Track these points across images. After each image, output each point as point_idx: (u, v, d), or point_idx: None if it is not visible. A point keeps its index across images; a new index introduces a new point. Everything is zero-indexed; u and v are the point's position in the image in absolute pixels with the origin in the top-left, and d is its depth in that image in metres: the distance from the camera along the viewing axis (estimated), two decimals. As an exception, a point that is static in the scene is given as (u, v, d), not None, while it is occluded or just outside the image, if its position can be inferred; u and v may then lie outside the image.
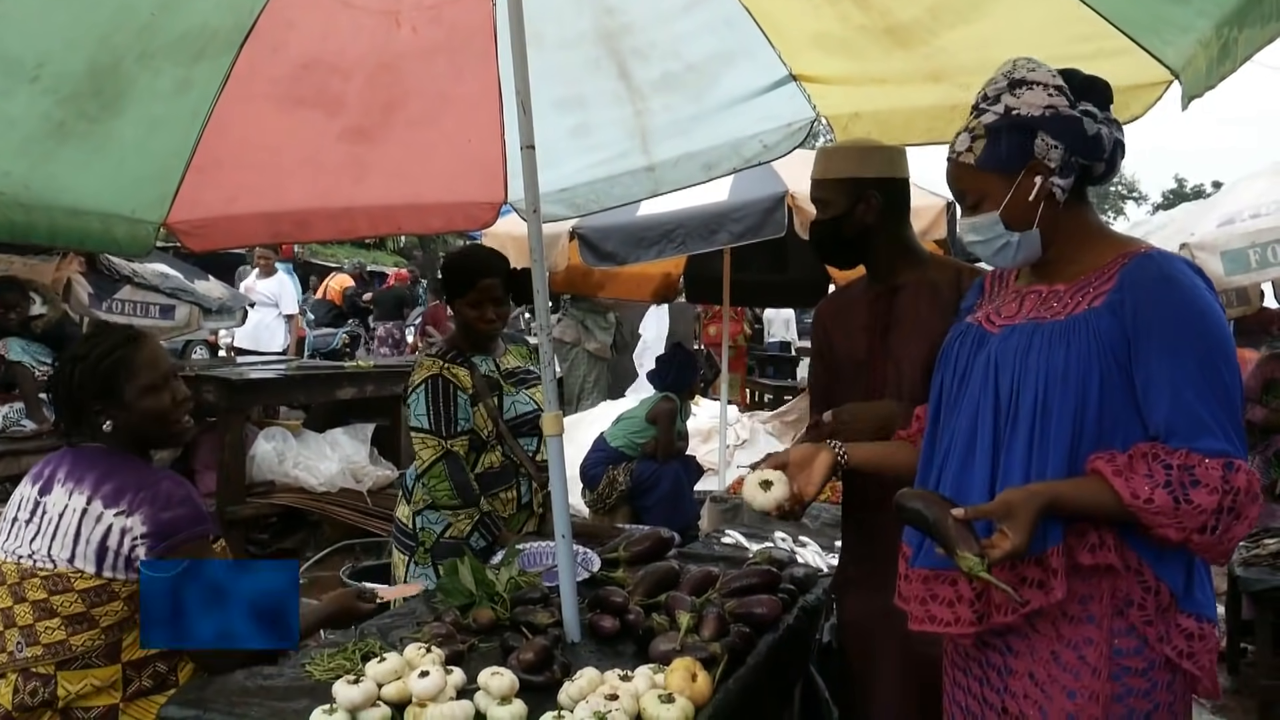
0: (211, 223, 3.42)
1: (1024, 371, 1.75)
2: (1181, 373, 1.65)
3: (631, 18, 3.19)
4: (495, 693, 1.91)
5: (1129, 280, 1.70)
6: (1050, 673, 1.73)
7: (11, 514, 2.22)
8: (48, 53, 2.49)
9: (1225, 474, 1.60)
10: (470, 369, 3.15)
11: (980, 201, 1.84)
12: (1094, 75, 1.83)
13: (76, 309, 6.57)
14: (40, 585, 2.12)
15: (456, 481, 3.02)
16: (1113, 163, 1.80)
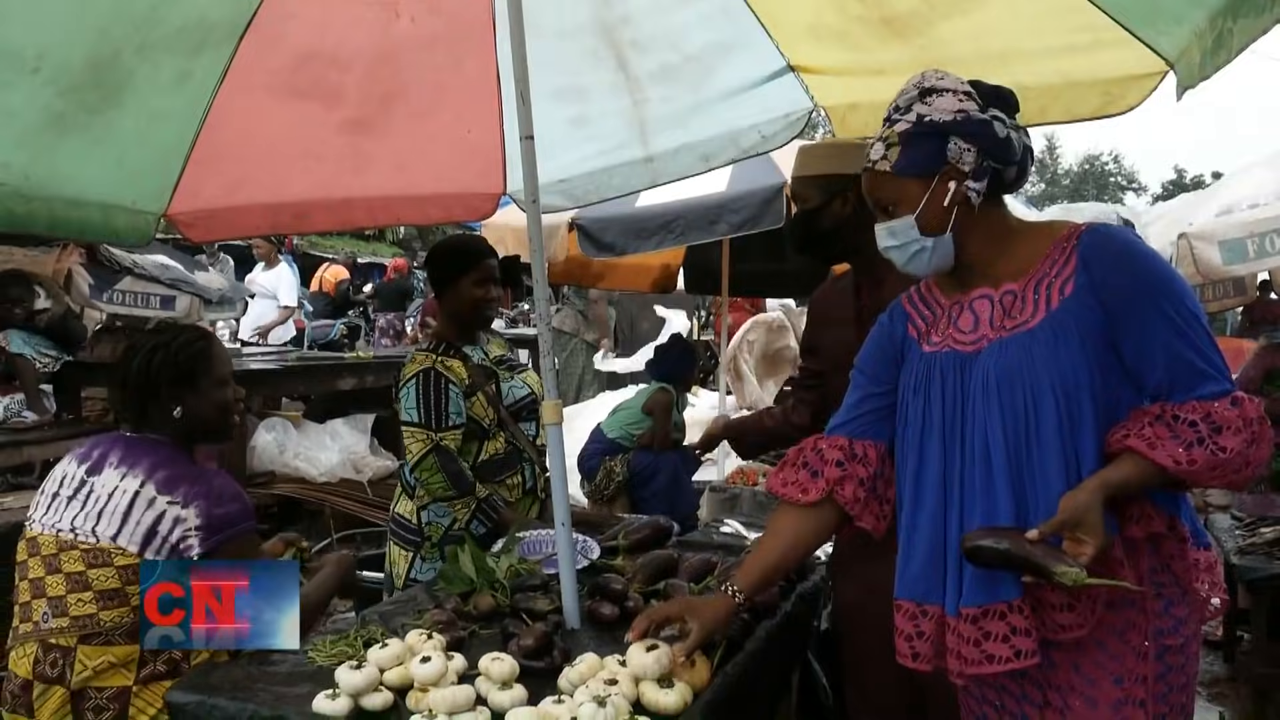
0: (212, 214, 3.44)
1: (1036, 384, 1.73)
2: (1168, 330, 1.69)
3: (629, 8, 3.20)
4: (496, 678, 1.93)
5: (1092, 258, 1.73)
6: (1096, 660, 1.72)
7: (52, 490, 2.29)
8: (48, 45, 2.50)
9: (1239, 411, 1.66)
10: (464, 360, 3.15)
11: (896, 208, 1.86)
12: (1000, 85, 1.86)
13: (77, 300, 6.56)
14: (80, 558, 2.18)
15: (449, 472, 3.01)
16: (1024, 167, 1.83)
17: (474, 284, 3.15)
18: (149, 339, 2.42)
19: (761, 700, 2.45)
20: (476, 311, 3.18)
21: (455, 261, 3.18)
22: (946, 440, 1.83)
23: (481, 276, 3.15)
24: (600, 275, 6.93)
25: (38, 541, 2.25)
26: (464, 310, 3.18)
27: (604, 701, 1.78)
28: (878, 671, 2.47)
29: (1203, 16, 2.16)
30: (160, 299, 7.19)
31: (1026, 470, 1.74)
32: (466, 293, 3.16)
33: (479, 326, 3.26)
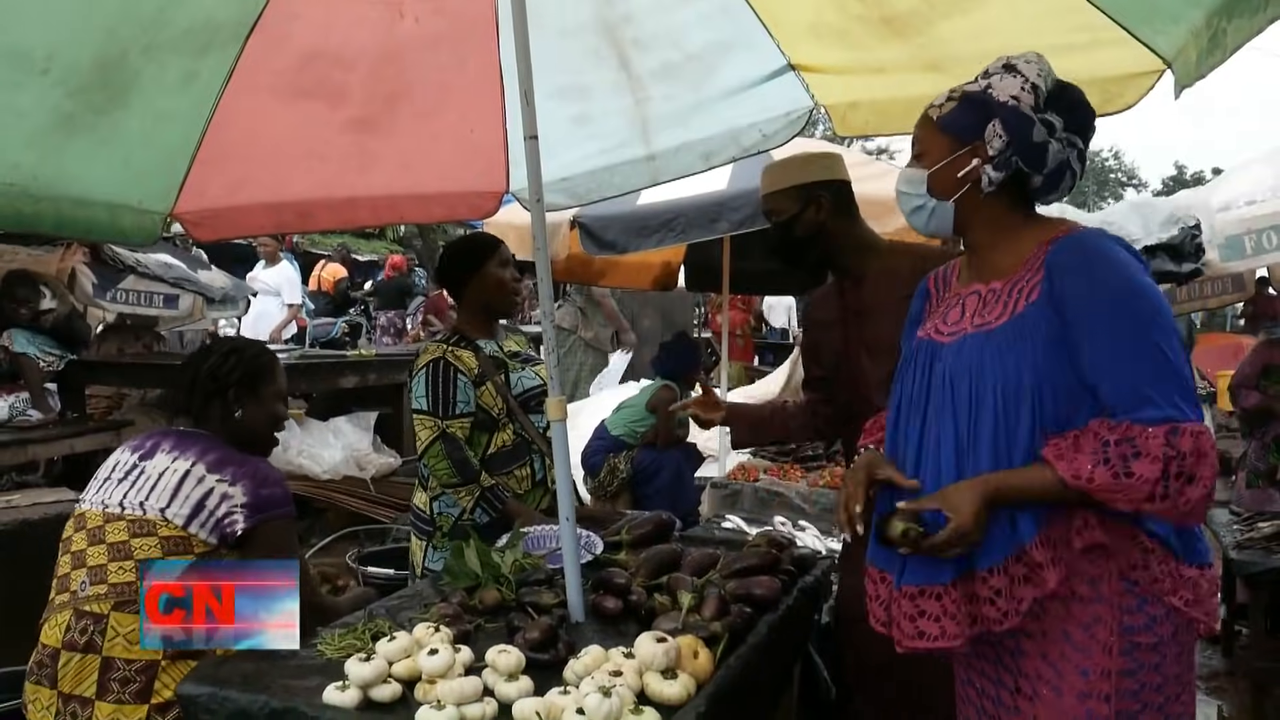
0: (217, 213, 3.47)
1: (980, 384, 1.79)
2: (1118, 347, 1.69)
3: (631, 7, 3.22)
4: (502, 670, 1.96)
5: (1055, 267, 1.75)
6: (1063, 651, 1.76)
7: (104, 474, 2.43)
8: (56, 46, 2.53)
9: (1169, 440, 1.63)
10: (475, 351, 3.18)
11: (923, 156, 1.91)
12: (1085, 101, 1.85)
13: (81, 299, 6.60)
14: (125, 529, 2.29)
15: (455, 459, 3.06)
16: (1054, 180, 1.83)
17: (497, 266, 3.21)
18: (223, 343, 2.66)
19: (764, 692, 2.48)
20: (504, 294, 3.24)
21: (474, 252, 3.25)
22: (912, 425, 1.90)
23: (503, 259, 3.23)
24: (601, 273, 6.95)
25: (85, 517, 2.37)
26: (491, 295, 3.23)
27: (609, 692, 1.81)
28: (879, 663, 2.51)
29: (1199, 16, 2.19)
30: (164, 298, 7.23)
31: (969, 466, 1.79)
32: (491, 277, 3.21)
33: (507, 312, 3.33)
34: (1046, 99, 1.80)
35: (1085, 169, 1.90)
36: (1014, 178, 1.83)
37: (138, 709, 2.16)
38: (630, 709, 1.82)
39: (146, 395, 6.80)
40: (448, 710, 1.82)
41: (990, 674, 1.89)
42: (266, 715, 1.89)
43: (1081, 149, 1.84)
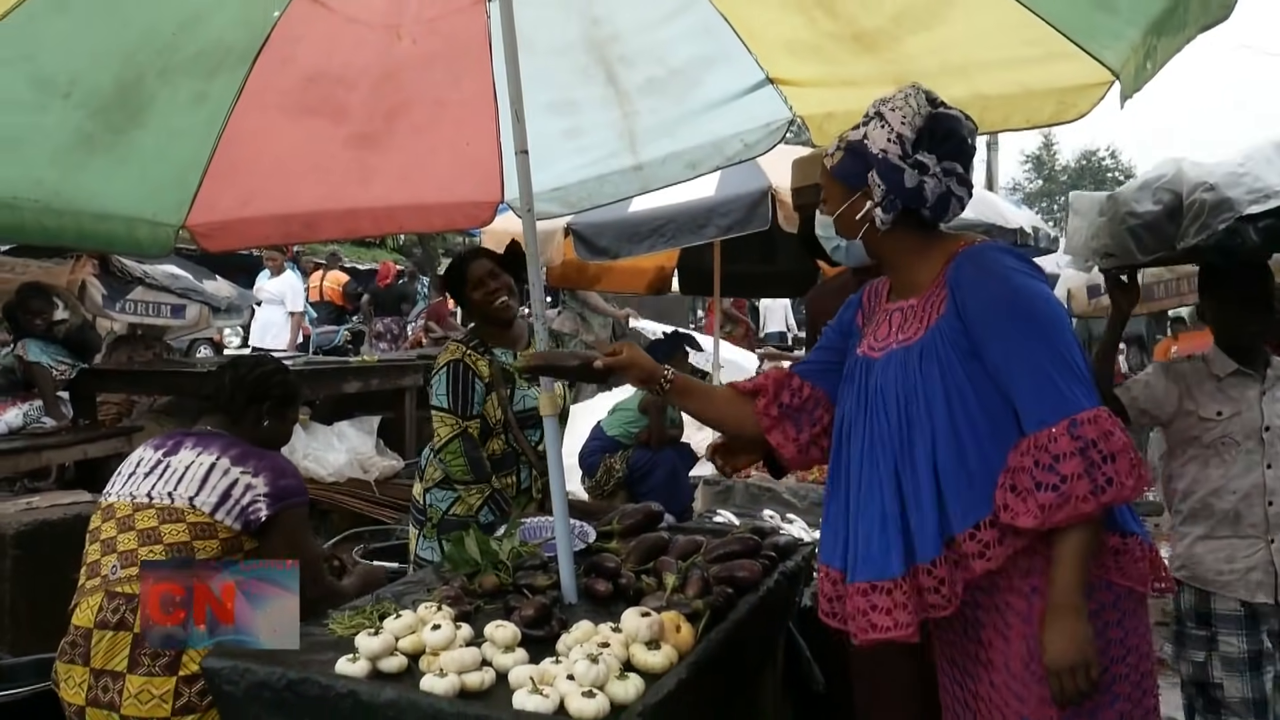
0: (226, 225, 3.64)
1: (906, 395, 1.95)
2: (1009, 349, 1.85)
3: (617, 27, 3.40)
4: (499, 642, 2.13)
5: (954, 282, 1.92)
6: (1007, 620, 1.93)
7: (129, 470, 2.64)
8: (80, 70, 2.71)
9: (1071, 432, 1.78)
10: (490, 359, 3.37)
11: (827, 202, 2.10)
12: (956, 128, 1.98)
13: (91, 310, 6.79)
14: (154, 516, 2.48)
15: (471, 458, 3.25)
16: (941, 208, 1.97)
17: (472, 289, 3.42)
18: (270, 360, 2.96)
19: (745, 666, 2.65)
20: (488, 310, 3.42)
21: (453, 278, 3.49)
22: (854, 440, 2.05)
23: (476, 279, 3.42)
24: (596, 278, 7.13)
25: (113, 507, 2.57)
26: (480, 314, 3.45)
27: (596, 659, 1.98)
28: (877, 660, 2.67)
29: (1136, 33, 2.38)
30: (171, 308, 7.41)
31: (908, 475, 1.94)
32: (471, 299, 3.43)
33: (501, 324, 3.48)
34: (914, 142, 1.95)
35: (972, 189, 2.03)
36: (905, 213, 1.99)
37: (166, 680, 2.33)
38: (616, 675, 1.99)
39: (155, 402, 6.99)
40: (450, 678, 1.99)
41: (958, 644, 2.06)
42: (284, 685, 2.06)
43: (961, 173, 1.98)
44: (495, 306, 3.42)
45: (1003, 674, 1.93)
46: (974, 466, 1.89)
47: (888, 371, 2.00)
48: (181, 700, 2.36)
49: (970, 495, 1.89)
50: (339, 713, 2.00)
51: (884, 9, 2.97)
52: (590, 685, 1.92)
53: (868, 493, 2.00)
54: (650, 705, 1.92)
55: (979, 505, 1.88)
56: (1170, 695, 4.34)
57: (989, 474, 1.88)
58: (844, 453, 2.08)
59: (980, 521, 1.88)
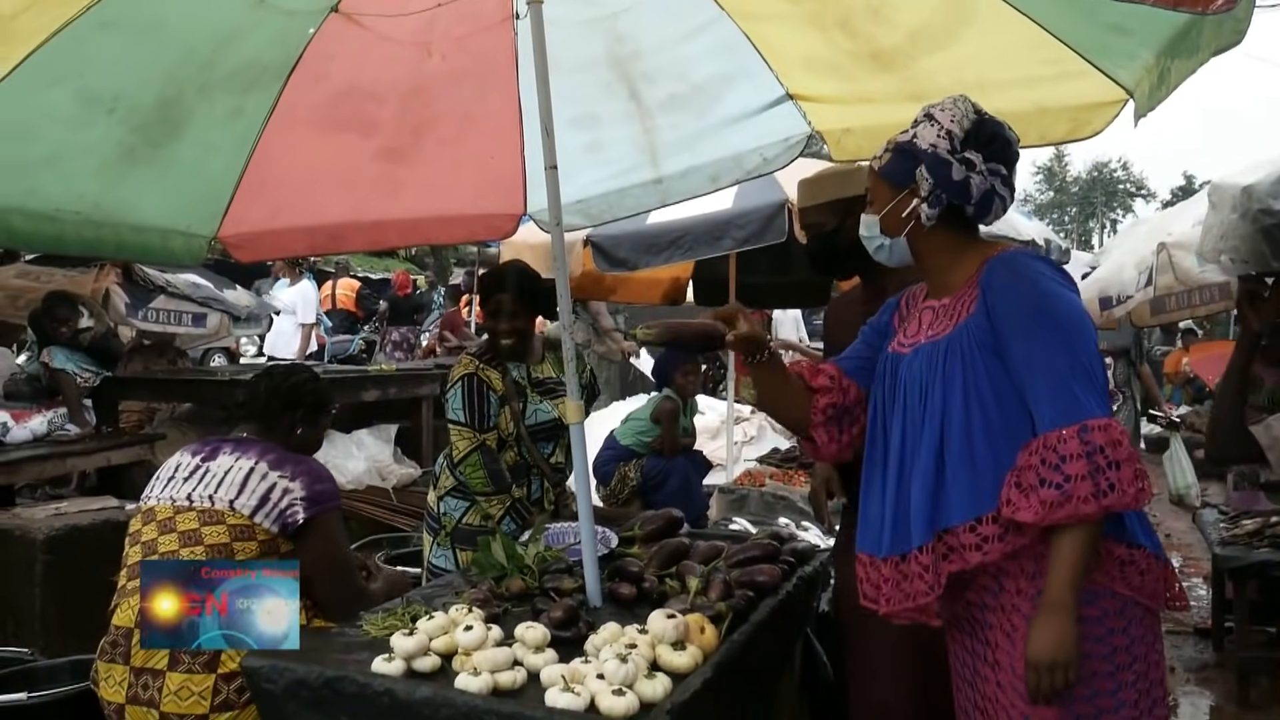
0: (256, 236, 3.73)
1: (928, 386, 2.04)
2: (1032, 351, 1.91)
3: (640, 44, 3.48)
4: (530, 643, 2.20)
5: (986, 284, 2.00)
6: (1013, 622, 1.99)
7: (167, 475, 2.71)
8: (124, 88, 2.81)
9: (1082, 437, 1.84)
10: (503, 373, 3.43)
11: (873, 203, 2.18)
12: (1001, 132, 2.08)
13: (114, 318, 6.87)
14: (195, 518, 2.56)
15: (490, 470, 3.30)
16: (984, 207, 2.06)
17: (489, 315, 3.48)
18: (303, 370, 3.05)
19: (765, 668, 2.72)
20: (495, 340, 3.47)
21: (483, 292, 3.53)
22: (890, 432, 2.15)
23: (492, 310, 3.45)
24: (612, 289, 7.22)
25: (154, 510, 2.64)
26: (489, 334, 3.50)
27: (625, 659, 2.05)
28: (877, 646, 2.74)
29: (1150, 54, 2.45)
30: (193, 316, 7.50)
31: (912, 456, 2.05)
32: (487, 324, 3.50)
33: (501, 355, 3.46)
34: (963, 140, 2.05)
35: (1014, 192, 2.12)
36: (949, 210, 2.08)
37: (206, 678, 2.41)
38: (644, 674, 2.06)
39: (175, 410, 7.08)
40: (483, 677, 2.06)
41: (968, 645, 2.13)
42: (322, 683, 2.13)
43: (1005, 174, 2.07)
44: (500, 341, 3.44)
45: (1009, 674, 1.99)
46: (981, 462, 1.96)
47: (914, 365, 2.10)
48: (220, 697, 2.43)
49: (973, 489, 1.96)
50: (376, 710, 2.07)
51: (901, 28, 3.04)
52: (620, 684, 1.99)
53: (892, 479, 2.10)
54: (678, 704, 1.99)
55: (982, 500, 1.95)
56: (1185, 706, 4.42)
57: (996, 471, 1.94)
58: (877, 445, 2.18)
59: (983, 516, 1.95)
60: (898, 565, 2.06)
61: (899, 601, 2.05)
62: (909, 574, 2.03)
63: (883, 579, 2.09)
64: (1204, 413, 10.76)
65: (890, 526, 2.07)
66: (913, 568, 2.02)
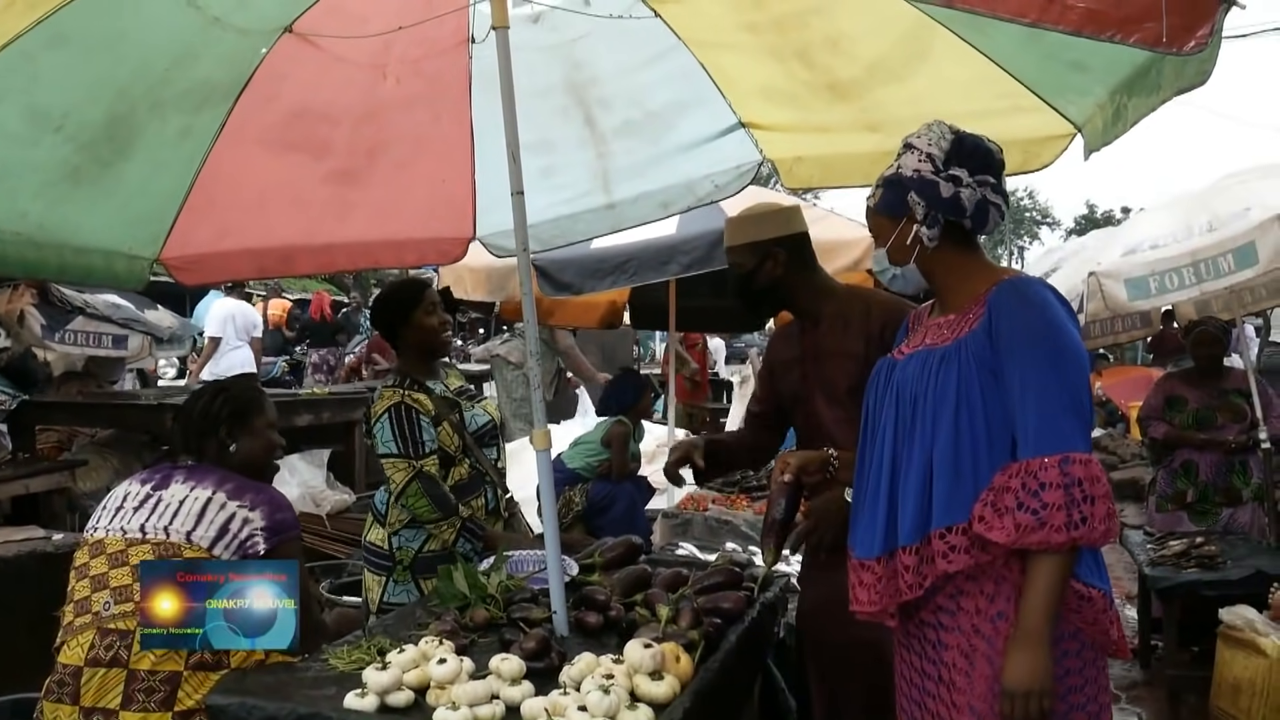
0: (201, 259, 3.63)
1: (919, 390, 2.10)
2: (1027, 377, 1.96)
3: (598, 70, 3.50)
4: (506, 675, 2.17)
5: (994, 304, 2.06)
6: (973, 643, 2.03)
7: (115, 504, 2.57)
8: (73, 104, 2.72)
9: (1063, 469, 1.89)
10: (428, 393, 3.36)
11: (878, 238, 2.25)
12: (981, 145, 2.15)
13: (29, 340, 6.62)
14: (150, 551, 2.43)
15: (433, 495, 3.21)
16: (981, 218, 2.12)
17: (424, 314, 3.39)
18: (211, 386, 2.85)
19: (735, 695, 2.72)
20: (433, 338, 3.41)
21: (403, 300, 3.42)
22: (879, 435, 2.20)
23: (429, 305, 3.40)
24: (550, 312, 7.15)
25: (103, 543, 2.50)
26: (422, 340, 3.41)
27: (608, 690, 2.04)
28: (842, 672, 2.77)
29: (1103, 91, 2.54)
30: (113, 338, 7.26)
31: (903, 457, 2.11)
32: (419, 323, 3.39)
33: (438, 354, 3.49)
34: (944, 160, 2.12)
35: (1008, 198, 2.19)
36: (949, 227, 2.14)
37: (162, 717, 2.30)
38: (626, 705, 2.05)
39: (97, 434, 6.84)
40: (462, 711, 2.03)
41: (917, 666, 2.16)
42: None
43: (994, 183, 2.14)
44: (444, 334, 3.42)
45: (965, 695, 2.02)
46: (964, 473, 2.01)
47: (907, 369, 2.15)
48: None
49: (952, 498, 2.01)
50: (352, 747, 2.02)
51: (859, 61, 3.11)
52: (603, 716, 1.98)
53: (874, 481, 2.16)
54: (662, 734, 1.98)
55: (957, 510, 2.01)
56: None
57: (975, 483, 2.00)
58: (867, 448, 2.23)
59: (955, 525, 2.01)
60: (885, 564, 2.11)
61: (888, 599, 2.11)
62: (895, 571, 2.08)
63: (859, 581, 2.16)
64: (1116, 435, 11.13)
65: (882, 526, 2.12)
66: (898, 565, 2.07)
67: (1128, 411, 10.70)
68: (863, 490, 2.21)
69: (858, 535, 2.19)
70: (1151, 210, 6.04)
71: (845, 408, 2.70)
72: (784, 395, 2.99)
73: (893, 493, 2.11)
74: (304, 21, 3.08)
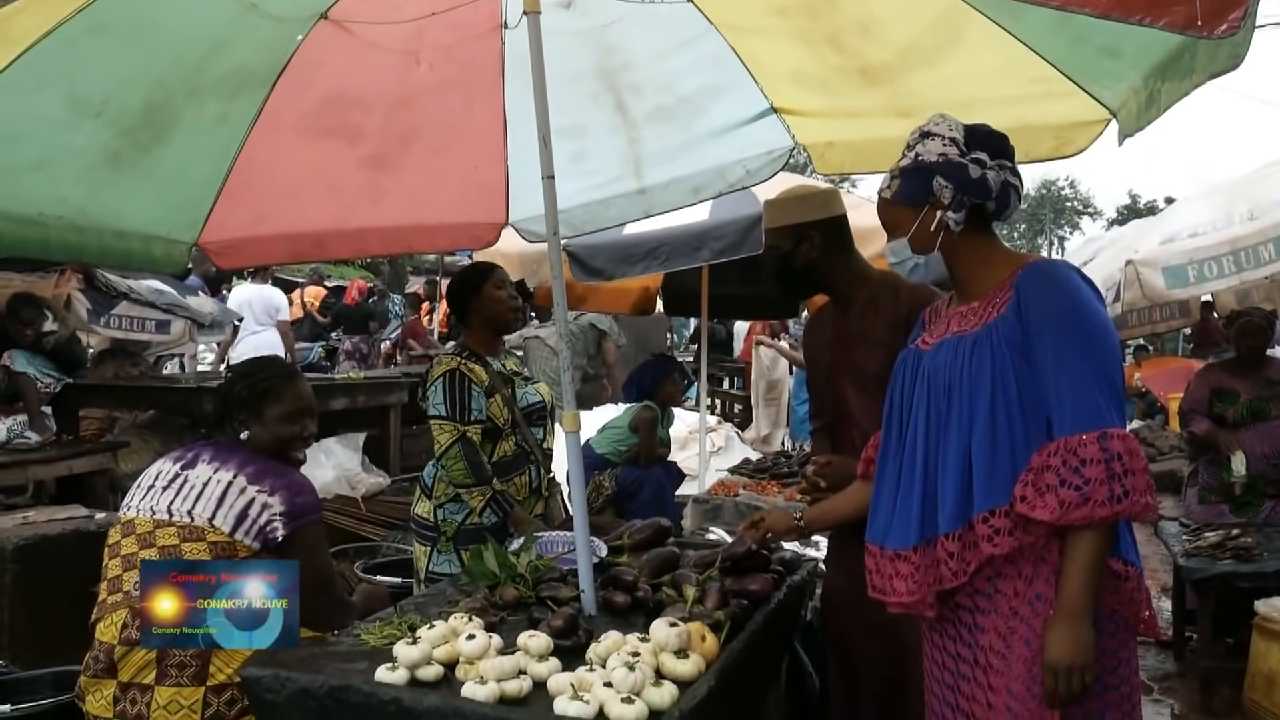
0: (238, 243, 3.70)
1: (953, 377, 2.09)
2: (1061, 356, 1.97)
3: (629, 56, 3.51)
4: (534, 651, 2.20)
5: (1021, 287, 2.06)
6: (1011, 625, 2.03)
7: (148, 483, 2.61)
8: (113, 91, 2.78)
9: (1101, 444, 1.90)
10: (485, 366, 3.46)
11: (896, 229, 2.23)
12: (992, 131, 2.17)
13: (76, 324, 6.75)
14: (175, 534, 2.48)
15: (471, 461, 3.33)
16: (1004, 200, 2.13)
17: (494, 288, 3.51)
18: (241, 366, 2.87)
19: (760, 678, 2.74)
20: (502, 312, 3.52)
21: (475, 276, 3.55)
22: (899, 423, 2.21)
23: (500, 280, 3.53)
24: (582, 298, 7.18)
25: (134, 523, 2.55)
26: (491, 314, 3.52)
27: (633, 667, 2.06)
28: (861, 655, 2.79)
29: (1138, 76, 2.51)
30: (155, 323, 7.38)
31: (938, 445, 2.10)
32: (489, 295, 3.50)
33: (505, 329, 3.61)
34: (965, 143, 2.13)
35: (1023, 182, 2.20)
36: (973, 211, 2.14)
37: (195, 690, 2.36)
38: (651, 682, 2.07)
39: (138, 417, 6.96)
40: (490, 685, 2.05)
41: (951, 650, 2.16)
42: (326, 693, 2.11)
43: (1012, 167, 2.15)
44: (513, 309, 3.54)
45: (1004, 696, 2.02)
46: (1002, 456, 2.01)
47: (937, 357, 2.14)
48: (210, 710, 2.38)
49: (992, 482, 2.01)
50: (382, 719, 2.06)
51: (891, 45, 3.09)
52: (628, 692, 2.00)
53: (907, 471, 2.15)
54: (686, 711, 2.00)
55: (997, 493, 2.01)
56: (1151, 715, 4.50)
57: (1013, 466, 2.00)
58: (891, 437, 2.23)
59: (996, 509, 2.01)
60: (924, 553, 2.10)
61: (927, 588, 2.10)
62: (935, 559, 2.08)
63: (895, 572, 2.14)
64: (1155, 427, 10.99)
65: (917, 516, 2.11)
66: (939, 553, 2.07)
67: (1167, 403, 10.56)
68: (891, 481, 2.20)
69: (890, 527, 2.17)
70: (1191, 199, 5.96)
71: (871, 395, 2.71)
72: (817, 383, 3.00)
73: (928, 481, 2.11)
74: (339, 8, 3.11)
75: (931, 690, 2.24)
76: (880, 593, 2.19)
